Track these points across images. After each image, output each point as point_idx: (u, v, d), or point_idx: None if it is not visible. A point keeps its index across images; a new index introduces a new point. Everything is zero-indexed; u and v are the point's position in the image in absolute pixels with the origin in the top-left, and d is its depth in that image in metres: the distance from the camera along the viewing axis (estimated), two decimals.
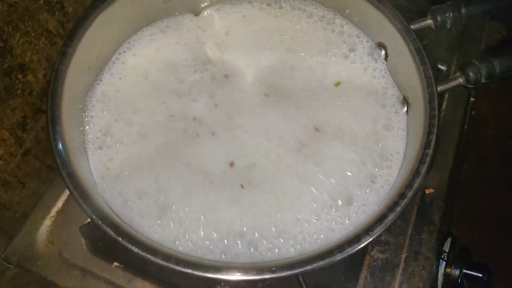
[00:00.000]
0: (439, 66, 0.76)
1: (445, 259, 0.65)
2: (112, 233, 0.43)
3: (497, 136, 0.96)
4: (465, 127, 0.76)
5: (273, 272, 0.42)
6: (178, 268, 0.42)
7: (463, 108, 0.75)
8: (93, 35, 0.56)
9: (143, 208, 0.52)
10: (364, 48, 0.62)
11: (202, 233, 0.51)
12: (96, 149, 0.56)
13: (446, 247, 0.67)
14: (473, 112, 0.85)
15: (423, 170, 0.46)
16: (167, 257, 0.42)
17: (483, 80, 0.52)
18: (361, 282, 0.61)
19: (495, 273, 0.66)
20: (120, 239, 0.43)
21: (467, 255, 0.67)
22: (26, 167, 0.65)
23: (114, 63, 0.62)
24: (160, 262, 0.42)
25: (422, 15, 0.60)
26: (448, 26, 0.57)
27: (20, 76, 0.60)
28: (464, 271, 0.65)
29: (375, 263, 0.62)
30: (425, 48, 0.73)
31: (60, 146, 0.48)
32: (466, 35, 0.80)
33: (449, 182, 0.68)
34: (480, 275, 0.65)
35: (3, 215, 0.64)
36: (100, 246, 0.64)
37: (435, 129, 0.48)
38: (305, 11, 0.66)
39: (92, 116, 0.58)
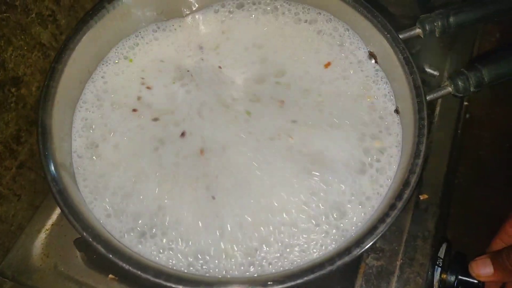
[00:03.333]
0: (432, 71, 0.76)
1: (440, 265, 0.65)
2: (102, 250, 0.44)
3: (492, 139, 0.96)
4: (459, 131, 0.76)
5: (265, 285, 0.42)
6: (168, 284, 0.42)
7: (456, 112, 0.75)
8: (84, 50, 0.56)
9: (133, 224, 0.52)
10: (361, 55, 0.63)
11: (193, 247, 0.51)
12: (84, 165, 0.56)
13: (441, 253, 0.67)
14: (467, 116, 0.85)
15: (413, 180, 0.47)
16: (158, 273, 0.43)
17: (472, 89, 0.52)
18: None
19: None
20: (110, 256, 0.43)
21: (462, 260, 0.67)
22: (21, 180, 0.65)
23: (101, 78, 0.62)
24: (151, 278, 0.42)
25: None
26: (437, 35, 0.57)
27: (13, 90, 0.60)
28: (460, 277, 0.65)
29: (370, 271, 0.62)
30: (417, 55, 0.74)
31: (50, 162, 0.49)
32: (459, 39, 0.80)
33: (443, 187, 0.68)
34: (475, 281, 0.65)
35: None
36: (95, 259, 0.64)
37: (424, 139, 0.48)
38: (298, 14, 0.66)
39: (80, 131, 0.58)
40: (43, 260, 0.65)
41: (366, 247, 0.44)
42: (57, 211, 0.68)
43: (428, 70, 0.77)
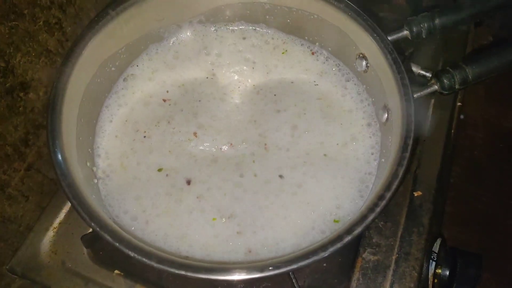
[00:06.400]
0: (425, 73, 0.78)
1: (435, 259, 0.67)
2: (109, 239, 0.46)
3: (486, 139, 0.98)
4: (453, 131, 0.77)
5: (262, 271, 0.45)
6: (171, 269, 0.44)
7: (449, 112, 0.77)
8: (90, 54, 0.59)
9: (144, 217, 0.56)
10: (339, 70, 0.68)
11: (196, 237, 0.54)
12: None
13: (436, 247, 0.68)
14: (462, 116, 0.87)
15: (401, 172, 0.49)
16: (161, 260, 0.45)
17: (457, 87, 0.55)
18: (353, 283, 0.62)
19: (485, 273, 0.67)
20: (117, 244, 0.46)
21: (456, 255, 0.69)
22: (29, 181, 0.67)
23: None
24: (155, 264, 0.44)
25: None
26: (424, 36, 0.59)
27: (21, 94, 0.62)
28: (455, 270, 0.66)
29: (367, 265, 0.63)
30: (410, 56, 0.76)
31: (59, 157, 0.51)
32: (452, 42, 0.82)
33: (437, 184, 0.70)
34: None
35: (8, 228, 0.66)
36: (101, 255, 0.66)
37: (411, 134, 0.50)
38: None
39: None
40: (51, 257, 0.66)
41: (357, 234, 0.46)
42: (64, 210, 0.70)
43: (421, 71, 0.78)
